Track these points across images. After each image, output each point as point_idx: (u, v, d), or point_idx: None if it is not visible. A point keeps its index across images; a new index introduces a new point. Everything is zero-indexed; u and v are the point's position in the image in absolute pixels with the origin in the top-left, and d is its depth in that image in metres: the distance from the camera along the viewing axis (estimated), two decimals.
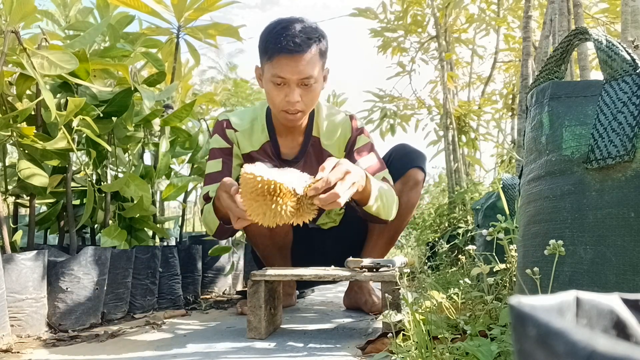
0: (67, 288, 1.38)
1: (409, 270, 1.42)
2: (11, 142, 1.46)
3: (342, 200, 1.14)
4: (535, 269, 0.66)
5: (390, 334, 0.95)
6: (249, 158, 1.64)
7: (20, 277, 1.25)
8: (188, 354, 1.12)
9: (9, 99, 1.44)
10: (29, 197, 1.51)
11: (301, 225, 1.17)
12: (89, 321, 1.44)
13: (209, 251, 2.07)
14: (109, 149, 1.63)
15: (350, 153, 1.64)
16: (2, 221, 1.31)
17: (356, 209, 1.44)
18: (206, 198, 1.54)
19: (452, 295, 1.05)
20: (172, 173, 2.10)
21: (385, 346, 1.04)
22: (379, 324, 1.47)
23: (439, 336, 0.87)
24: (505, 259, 1.05)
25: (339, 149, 1.69)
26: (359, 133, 1.66)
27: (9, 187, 1.56)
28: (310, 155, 1.70)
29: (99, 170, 1.71)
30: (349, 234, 1.81)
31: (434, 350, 0.85)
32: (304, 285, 2.12)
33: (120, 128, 1.70)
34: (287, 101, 1.48)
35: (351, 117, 1.68)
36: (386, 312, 0.98)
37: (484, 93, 3.70)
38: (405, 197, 1.70)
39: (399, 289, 1.23)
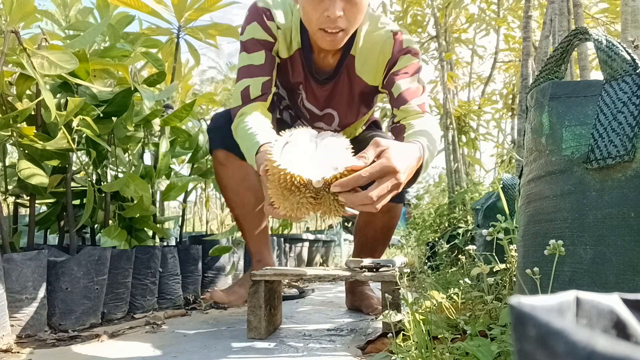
0: (67, 288, 1.38)
1: (409, 270, 1.42)
2: (11, 142, 1.46)
3: (377, 207, 0.92)
4: (535, 269, 0.66)
5: (390, 334, 0.95)
6: (280, 67, 1.44)
7: (20, 277, 1.25)
8: (188, 354, 1.12)
9: (9, 99, 1.44)
10: (29, 197, 1.51)
11: (328, 220, 1.13)
12: (89, 321, 1.44)
13: (209, 251, 2.07)
14: (109, 149, 1.63)
15: (388, 78, 1.37)
16: (2, 221, 1.31)
17: None
18: (244, 96, 1.33)
19: (452, 295, 1.05)
20: (172, 173, 2.10)
21: (385, 346, 1.04)
22: (379, 324, 1.47)
23: (439, 336, 0.87)
24: (505, 259, 1.05)
25: (376, 75, 1.43)
26: (403, 52, 1.37)
27: (9, 187, 1.56)
28: (344, 78, 1.46)
29: (99, 170, 1.71)
30: None
31: (434, 350, 0.85)
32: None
33: (120, 128, 1.69)
34: (326, 17, 1.22)
35: (395, 33, 1.37)
36: (386, 312, 0.98)
37: (484, 93, 3.70)
38: (380, 224, 1.65)
39: (399, 289, 1.23)
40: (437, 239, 2.64)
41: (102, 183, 1.68)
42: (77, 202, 1.80)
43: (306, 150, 0.98)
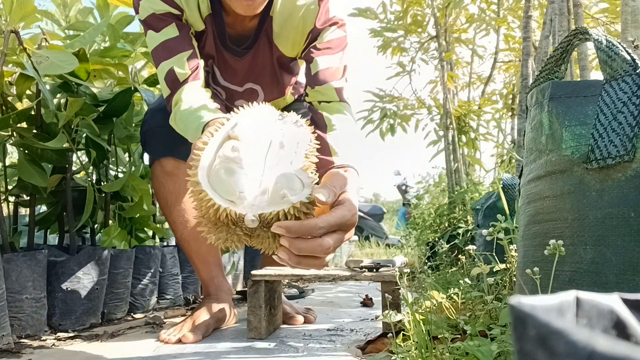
0: (67, 288, 1.38)
1: (409, 270, 1.42)
2: (11, 142, 1.46)
3: (325, 262, 0.71)
4: (535, 269, 0.66)
5: (390, 334, 0.95)
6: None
7: (20, 277, 1.25)
8: (188, 354, 1.12)
9: (9, 99, 1.44)
10: (29, 197, 1.51)
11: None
12: (89, 321, 1.44)
13: None
14: (109, 149, 1.63)
15: (308, 50, 1.19)
16: (2, 221, 1.31)
17: None
18: (172, 82, 1.11)
19: (452, 295, 1.05)
20: None
21: (385, 346, 1.04)
22: (379, 324, 1.47)
23: (439, 336, 0.87)
24: (505, 259, 1.05)
25: (294, 46, 1.25)
26: (328, 24, 1.19)
27: (9, 187, 1.56)
28: (264, 44, 1.27)
29: (99, 171, 1.71)
30: None
31: (434, 350, 0.85)
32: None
33: (120, 128, 1.69)
34: None
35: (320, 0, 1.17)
36: (386, 312, 0.98)
37: (484, 93, 3.70)
38: None
39: (399, 289, 1.23)
40: (437, 239, 2.64)
41: (102, 183, 1.68)
42: (77, 202, 1.80)
43: (251, 153, 0.71)
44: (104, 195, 1.69)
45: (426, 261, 2.57)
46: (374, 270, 1.33)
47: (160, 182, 1.40)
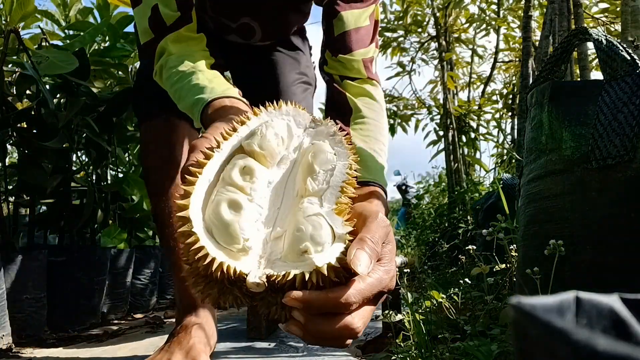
0: (67, 288, 1.38)
1: (409, 270, 1.42)
2: (11, 142, 1.46)
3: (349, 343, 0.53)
4: (535, 269, 0.66)
5: (390, 334, 0.95)
6: None
7: (20, 277, 1.25)
8: None
9: (9, 99, 1.44)
10: (29, 197, 1.51)
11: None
12: (89, 321, 1.44)
13: None
14: (109, 149, 1.63)
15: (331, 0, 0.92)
16: (2, 221, 1.31)
17: None
18: (155, 25, 0.87)
19: (452, 295, 1.05)
20: None
21: (385, 346, 1.04)
22: (379, 324, 1.47)
23: (439, 336, 0.87)
24: (505, 259, 1.05)
25: None
26: None
27: (9, 187, 1.56)
28: None
29: (99, 170, 1.71)
30: None
31: (434, 351, 0.85)
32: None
33: (120, 128, 1.70)
34: None
35: None
36: (386, 312, 0.98)
37: (484, 93, 3.70)
38: None
39: (399, 289, 1.23)
40: (437, 239, 2.64)
41: (102, 183, 1.68)
42: (77, 202, 1.81)
43: (267, 178, 0.54)
44: (104, 195, 1.69)
45: (426, 261, 2.57)
46: None
47: (147, 151, 1.09)
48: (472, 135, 3.49)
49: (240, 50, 1.19)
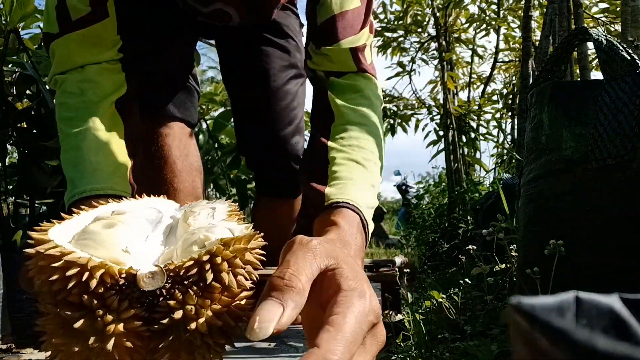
0: None
1: (409, 270, 1.42)
2: (11, 142, 1.46)
3: None
4: (535, 269, 0.66)
5: (390, 334, 0.95)
6: None
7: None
8: None
9: (9, 99, 1.44)
10: (29, 197, 1.51)
11: None
12: None
13: None
14: None
15: None
16: (2, 221, 1.31)
17: None
18: (61, 17, 0.71)
19: (452, 295, 1.05)
20: None
21: (386, 346, 1.05)
22: None
23: (439, 336, 0.87)
24: (505, 259, 1.05)
25: None
26: None
27: (9, 187, 1.56)
28: None
29: None
30: None
31: (434, 351, 0.85)
32: None
33: None
34: None
35: None
36: (386, 312, 0.98)
37: (484, 93, 3.70)
38: None
39: (399, 289, 1.23)
40: (437, 239, 2.64)
41: None
42: None
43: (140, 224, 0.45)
44: None
45: (426, 261, 2.57)
46: (374, 270, 1.33)
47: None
48: (472, 135, 3.49)
49: (220, 32, 1.10)
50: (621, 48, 0.68)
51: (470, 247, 1.18)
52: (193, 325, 0.37)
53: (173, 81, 1.02)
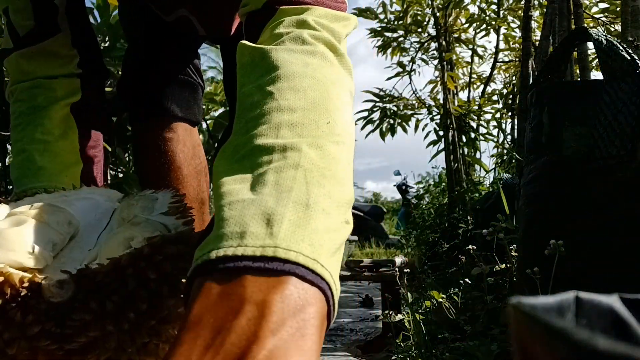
0: None
1: (409, 270, 1.42)
2: (11, 142, 1.46)
3: None
4: (536, 269, 0.66)
5: (390, 334, 0.95)
6: None
7: None
8: None
9: None
10: None
11: None
12: None
13: None
14: (109, 148, 1.63)
15: None
16: None
17: None
18: (11, 31, 0.70)
19: (452, 295, 1.05)
20: None
21: (385, 346, 1.05)
22: (379, 324, 1.47)
23: (439, 336, 0.87)
24: (505, 259, 1.05)
25: None
26: None
27: (9, 187, 1.56)
28: None
29: None
30: None
31: (434, 351, 0.85)
32: None
33: (120, 128, 1.70)
34: None
35: None
36: (386, 312, 0.98)
37: (484, 93, 3.70)
38: None
39: (399, 289, 1.23)
40: (437, 239, 2.64)
41: None
42: None
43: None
44: None
45: (426, 261, 2.57)
46: (374, 270, 1.34)
47: (142, 154, 0.98)
48: (472, 135, 3.49)
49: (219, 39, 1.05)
50: (621, 48, 0.68)
51: (470, 247, 1.18)
52: (113, 344, 0.31)
53: (174, 81, 1.00)
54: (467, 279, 1.11)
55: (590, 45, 1.65)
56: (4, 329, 0.29)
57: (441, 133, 3.40)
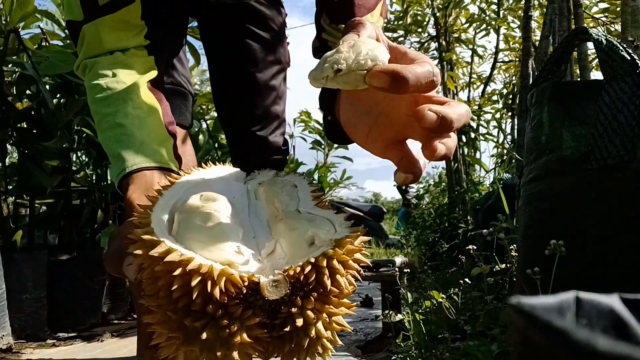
0: (67, 288, 1.38)
1: (409, 270, 1.42)
2: (11, 142, 1.46)
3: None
4: (536, 269, 0.66)
5: (390, 334, 0.95)
6: None
7: (21, 277, 1.25)
8: None
9: (9, 99, 1.44)
10: (29, 197, 1.51)
11: None
12: (89, 321, 1.44)
13: None
14: None
15: None
16: (2, 221, 1.31)
17: None
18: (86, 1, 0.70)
19: (452, 295, 1.05)
20: None
21: (385, 346, 1.05)
22: (379, 324, 1.47)
23: (439, 336, 0.87)
24: (505, 259, 1.05)
25: None
26: None
27: (9, 187, 1.56)
28: None
29: (99, 170, 1.71)
30: None
31: (434, 351, 0.85)
32: None
33: None
34: None
35: None
36: (386, 312, 0.98)
37: (484, 93, 3.70)
38: None
39: (399, 289, 1.23)
40: (437, 239, 2.64)
41: (102, 183, 1.68)
42: (77, 202, 1.81)
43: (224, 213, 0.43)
44: (104, 195, 1.69)
45: (426, 261, 2.57)
46: (374, 270, 1.33)
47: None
48: (472, 135, 3.49)
49: (205, 14, 1.07)
50: (621, 48, 0.67)
51: (470, 247, 1.18)
52: (313, 332, 0.39)
53: (167, 90, 1.01)
54: (467, 279, 1.11)
55: (590, 45, 1.65)
56: (229, 323, 0.36)
57: None
